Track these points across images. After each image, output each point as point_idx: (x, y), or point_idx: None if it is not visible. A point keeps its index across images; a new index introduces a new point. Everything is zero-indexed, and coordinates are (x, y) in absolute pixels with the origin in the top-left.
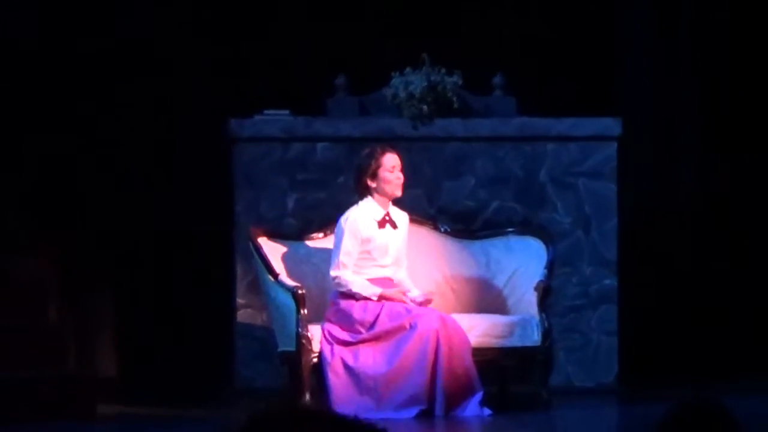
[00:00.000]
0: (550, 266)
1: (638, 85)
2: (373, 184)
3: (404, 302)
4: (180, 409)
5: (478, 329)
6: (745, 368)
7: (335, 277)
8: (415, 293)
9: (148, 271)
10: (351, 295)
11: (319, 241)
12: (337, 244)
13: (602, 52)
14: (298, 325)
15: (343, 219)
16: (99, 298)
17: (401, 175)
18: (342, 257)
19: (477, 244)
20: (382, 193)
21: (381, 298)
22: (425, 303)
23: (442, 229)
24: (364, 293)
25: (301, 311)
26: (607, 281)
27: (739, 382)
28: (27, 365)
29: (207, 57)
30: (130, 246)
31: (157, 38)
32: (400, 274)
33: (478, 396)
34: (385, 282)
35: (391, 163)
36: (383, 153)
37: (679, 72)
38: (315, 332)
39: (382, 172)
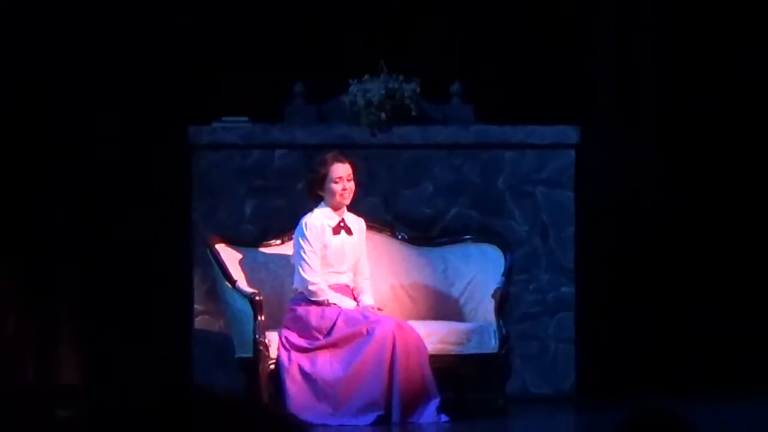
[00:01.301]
0: (508, 273)
1: (597, 91)
2: (321, 193)
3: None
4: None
5: (436, 336)
6: (702, 377)
7: (313, 284)
8: (369, 302)
9: (107, 278)
10: (312, 302)
11: (276, 248)
12: (299, 249)
13: (562, 59)
14: (255, 332)
15: (301, 225)
16: (57, 306)
17: (349, 185)
18: (310, 262)
19: (435, 252)
20: (330, 202)
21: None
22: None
23: (400, 236)
24: (341, 306)
25: (259, 318)
26: (565, 289)
27: (696, 391)
28: None
29: (165, 63)
30: (88, 253)
31: (115, 44)
32: (360, 281)
33: (435, 402)
34: (342, 288)
35: (338, 174)
36: (332, 162)
37: (639, 78)
38: (272, 339)
39: (329, 182)
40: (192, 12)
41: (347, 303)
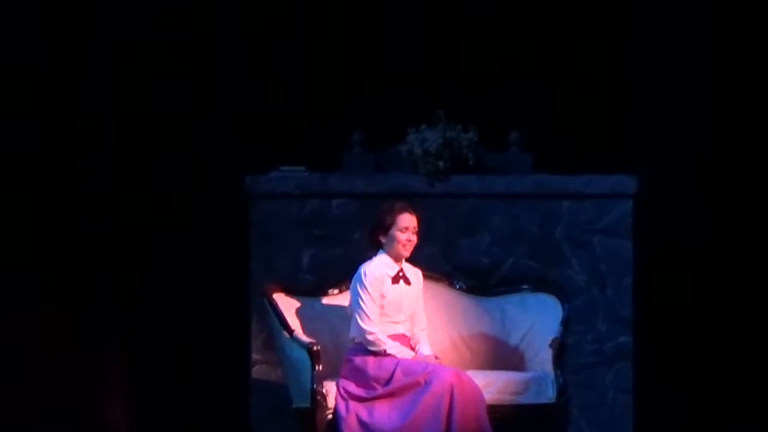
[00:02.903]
0: (566, 323)
1: (653, 141)
2: (383, 240)
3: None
4: None
5: (493, 386)
6: (763, 421)
7: (371, 333)
8: (427, 351)
9: (165, 326)
10: (370, 352)
11: (334, 298)
12: (357, 298)
13: (617, 108)
14: (312, 382)
15: (360, 273)
16: (114, 355)
17: (413, 238)
18: (368, 311)
19: (492, 301)
20: (391, 251)
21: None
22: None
23: (458, 286)
24: (398, 356)
25: (316, 367)
26: (623, 338)
27: None
28: (37, 417)
29: (224, 113)
30: (146, 302)
31: (175, 92)
32: (417, 332)
33: None
34: (399, 338)
35: (404, 224)
36: (400, 212)
37: (693, 128)
38: (330, 388)
39: (394, 231)
40: (250, 61)
41: (405, 353)
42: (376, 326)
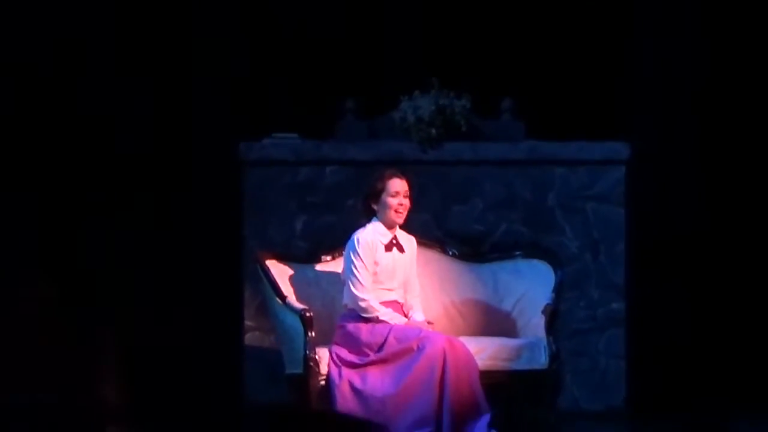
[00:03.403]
0: (558, 289)
1: (646, 108)
2: (376, 207)
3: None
4: (189, 431)
5: (486, 352)
6: (754, 391)
7: (363, 300)
8: (419, 318)
9: (156, 294)
10: (362, 318)
11: (327, 264)
12: (350, 265)
13: (611, 76)
14: (305, 348)
15: (353, 240)
16: (106, 323)
17: (405, 202)
18: (361, 278)
19: (485, 268)
20: (384, 217)
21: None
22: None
23: (450, 253)
24: (391, 323)
25: (309, 334)
26: (615, 305)
27: (747, 406)
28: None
29: (216, 80)
30: (137, 268)
31: (169, 60)
32: (411, 299)
33: (486, 418)
34: (393, 305)
35: (395, 188)
36: (390, 177)
37: (686, 93)
38: (323, 355)
39: (385, 197)
40: (243, 28)
41: (398, 319)
42: (368, 293)
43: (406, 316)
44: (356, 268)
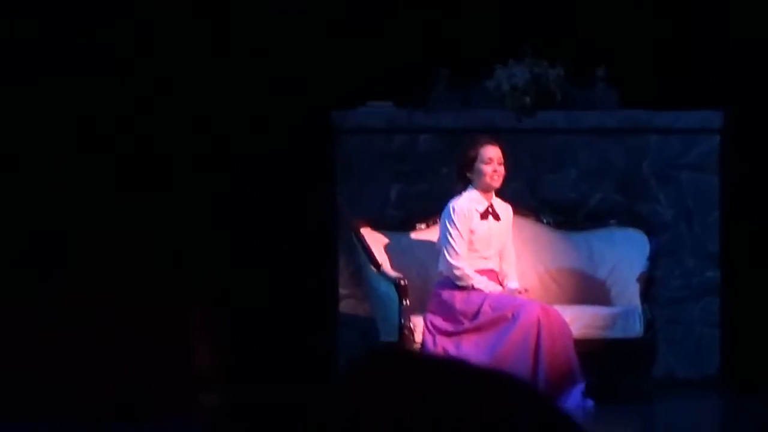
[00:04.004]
0: (653, 258)
1: (741, 75)
2: (470, 175)
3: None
4: (281, 396)
5: (581, 320)
6: None
7: (458, 268)
8: (514, 285)
9: (250, 262)
10: (457, 286)
11: (421, 233)
12: (445, 233)
13: (706, 43)
14: (400, 316)
15: (449, 208)
16: (199, 292)
17: (500, 168)
18: (456, 246)
19: (579, 236)
20: (479, 185)
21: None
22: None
23: (545, 221)
24: (485, 291)
25: (404, 302)
26: (710, 273)
27: None
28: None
29: (311, 48)
30: (232, 237)
31: (260, 29)
32: (506, 267)
33: (581, 387)
34: (488, 273)
35: (488, 155)
36: (482, 145)
37: None
38: (417, 323)
39: (479, 164)
40: None
41: (492, 287)
42: (463, 261)
43: (501, 284)
44: (451, 237)
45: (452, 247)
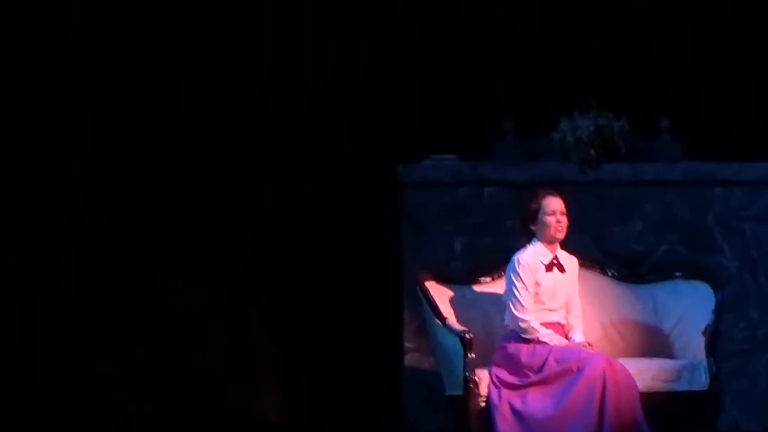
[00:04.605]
0: (718, 310)
1: None
2: (534, 228)
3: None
4: None
5: (646, 373)
6: None
7: (524, 321)
8: (579, 338)
9: (318, 315)
10: (522, 339)
11: (486, 285)
12: (511, 286)
13: None
14: (465, 369)
15: (514, 261)
16: (267, 344)
17: (563, 219)
18: (522, 299)
19: (644, 288)
20: (543, 237)
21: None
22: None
23: (610, 273)
24: (551, 344)
25: (469, 355)
26: None
27: None
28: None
29: (377, 100)
30: (300, 291)
31: (327, 83)
32: (572, 319)
33: None
34: (554, 326)
35: (551, 207)
36: (544, 196)
37: None
38: (483, 376)
39: (542, 216)
40: (401, 50)
41: (558, 340)
42: (529, 314)
43: (566, 337)
44: (517, 290)
45: (518, 299)
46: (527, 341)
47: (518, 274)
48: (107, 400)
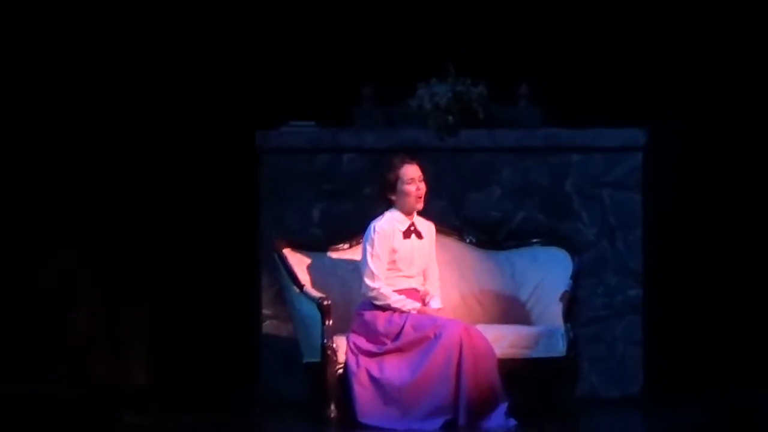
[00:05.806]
0: (576, 277)
1: (664, 94)
2: (393, 197)
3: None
4: (205, 419)
5: (504, 340)
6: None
7: (373, 289)
8: (436, 304)
9: (174, 281)
10: (379, 307)
11: (344, 252)
12: (366, 254)
13: (629, 62)
14: (323, 336)
15: (370, 229)
16: (126, 309)
17: (421, 186)
18: (374, 267)
19: (502, 255)
20: (403, 206)
21: (419, 312)
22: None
23: (468, 240)
24: (404, 309)
25: (326, 322)
26: (633, 291)
27: (766, 393)
28: (53, 376)
29: (233, 67)
30: (155, 256)
31: (183, 51)
32: (430, 285)
33: (503, 407)
34: (411, 292)
35: (409, 175)
36: (402, 165)
37: (707, 82)
38: (340, 343)
39: (401, 185)
40: (259, 16)
41: (411, 305)
42: (380, 281)
43: (424, 303)
44: (370, 257)
45: (369, 268)
46: (384, 309)
47: (373, 242)
48: None
